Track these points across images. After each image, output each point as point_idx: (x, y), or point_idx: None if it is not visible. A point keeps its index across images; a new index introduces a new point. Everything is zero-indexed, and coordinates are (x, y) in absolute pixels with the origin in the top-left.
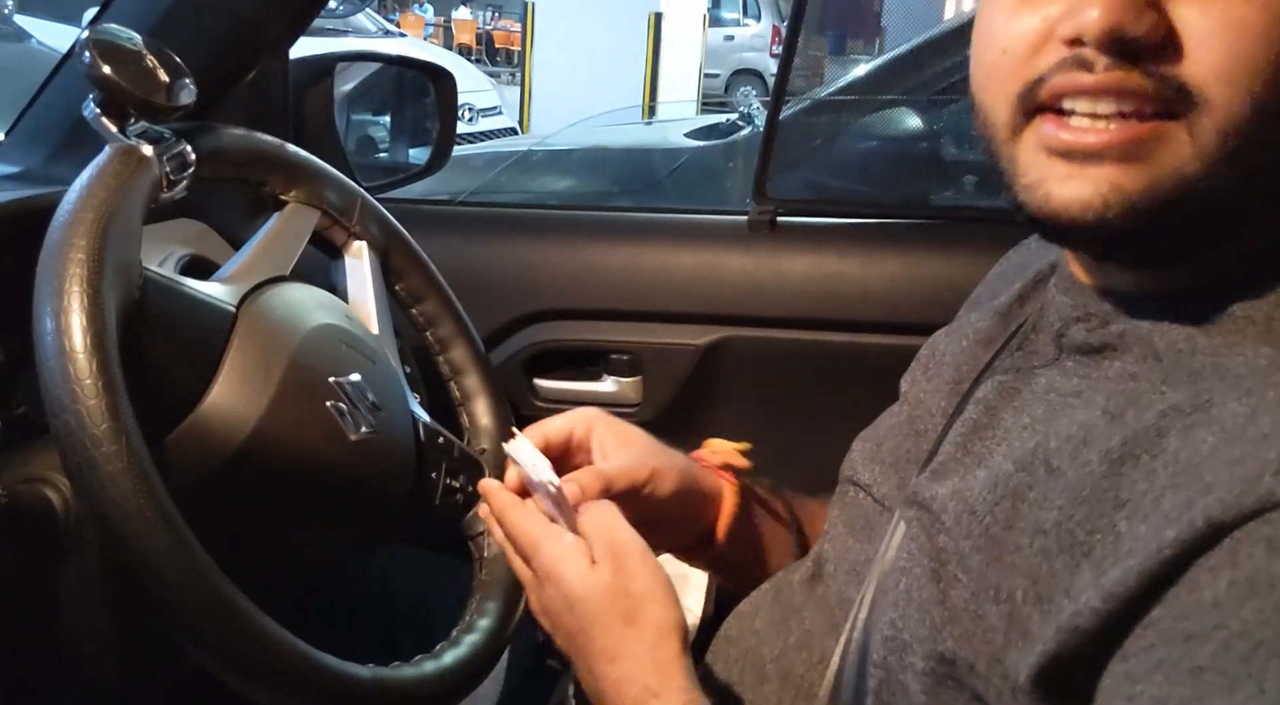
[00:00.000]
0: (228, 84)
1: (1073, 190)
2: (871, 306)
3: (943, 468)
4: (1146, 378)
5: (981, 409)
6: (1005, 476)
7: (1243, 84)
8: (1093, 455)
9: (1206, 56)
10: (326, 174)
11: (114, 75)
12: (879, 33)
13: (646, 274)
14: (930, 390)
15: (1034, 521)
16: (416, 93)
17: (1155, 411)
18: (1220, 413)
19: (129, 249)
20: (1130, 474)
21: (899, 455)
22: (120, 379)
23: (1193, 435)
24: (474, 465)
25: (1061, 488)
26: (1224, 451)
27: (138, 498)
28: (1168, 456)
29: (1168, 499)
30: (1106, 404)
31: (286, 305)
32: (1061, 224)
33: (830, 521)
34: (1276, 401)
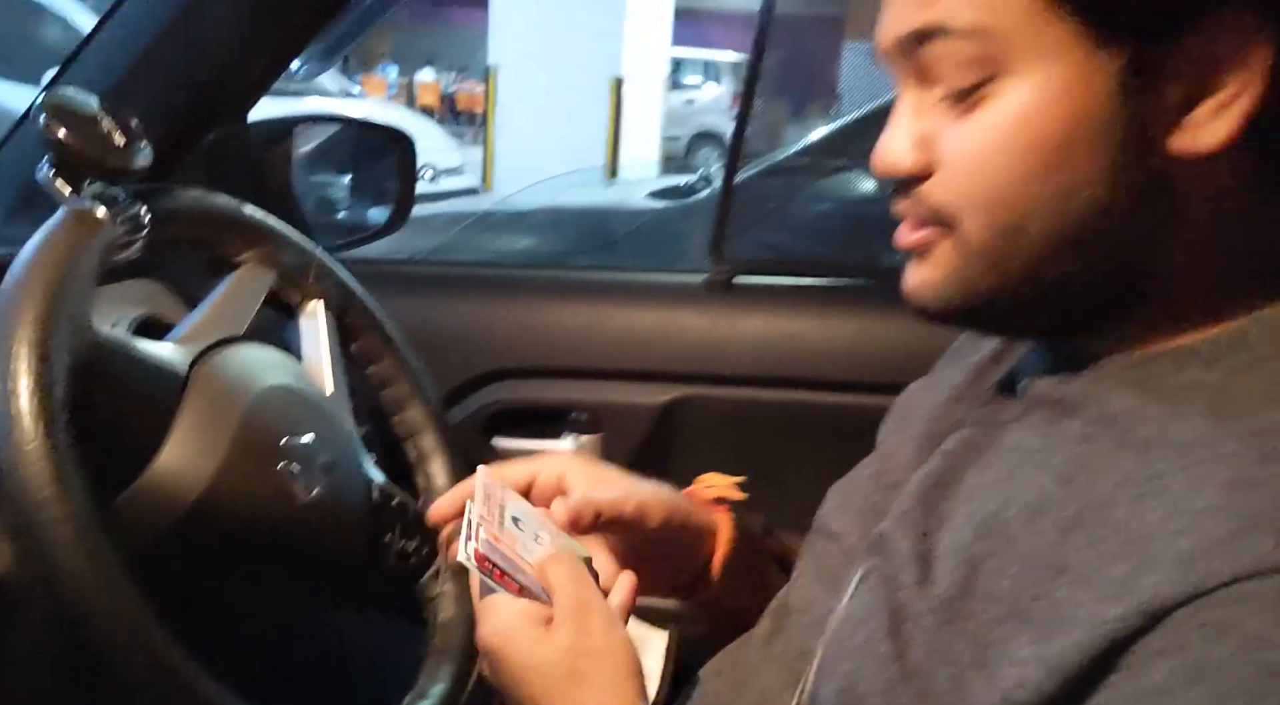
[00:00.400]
0: (186, 146)
1: (908, 283)
2: (827, 365)
3: (906, 518)
4: (1100, 442)
5: (948, 463)
6: (966, 544)
7: (986, 202)
8: (1047, 524)
9: (954, 181)
10: (283, 234)
11: (69, 139)
12: (835, 98)
13: (606, 333)
14: (902, 441)
15: (988, 590)
16: (377, 153)
17: (1106, 480)
18: (1167, 484)
19: (81, 311)
20: (1077, 540)
21: (868, 506)
22: (68, 443)
23: (1140, 506)
24: (428, 527)
25: (1016, 556)
26: (1169, 523)
27: (83, 561)
28: (1116, 525)
29: (1115, 568)
30: (1061, 468)
31: (239, 366)
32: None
33: (799, 569)
34: (1218, 476)
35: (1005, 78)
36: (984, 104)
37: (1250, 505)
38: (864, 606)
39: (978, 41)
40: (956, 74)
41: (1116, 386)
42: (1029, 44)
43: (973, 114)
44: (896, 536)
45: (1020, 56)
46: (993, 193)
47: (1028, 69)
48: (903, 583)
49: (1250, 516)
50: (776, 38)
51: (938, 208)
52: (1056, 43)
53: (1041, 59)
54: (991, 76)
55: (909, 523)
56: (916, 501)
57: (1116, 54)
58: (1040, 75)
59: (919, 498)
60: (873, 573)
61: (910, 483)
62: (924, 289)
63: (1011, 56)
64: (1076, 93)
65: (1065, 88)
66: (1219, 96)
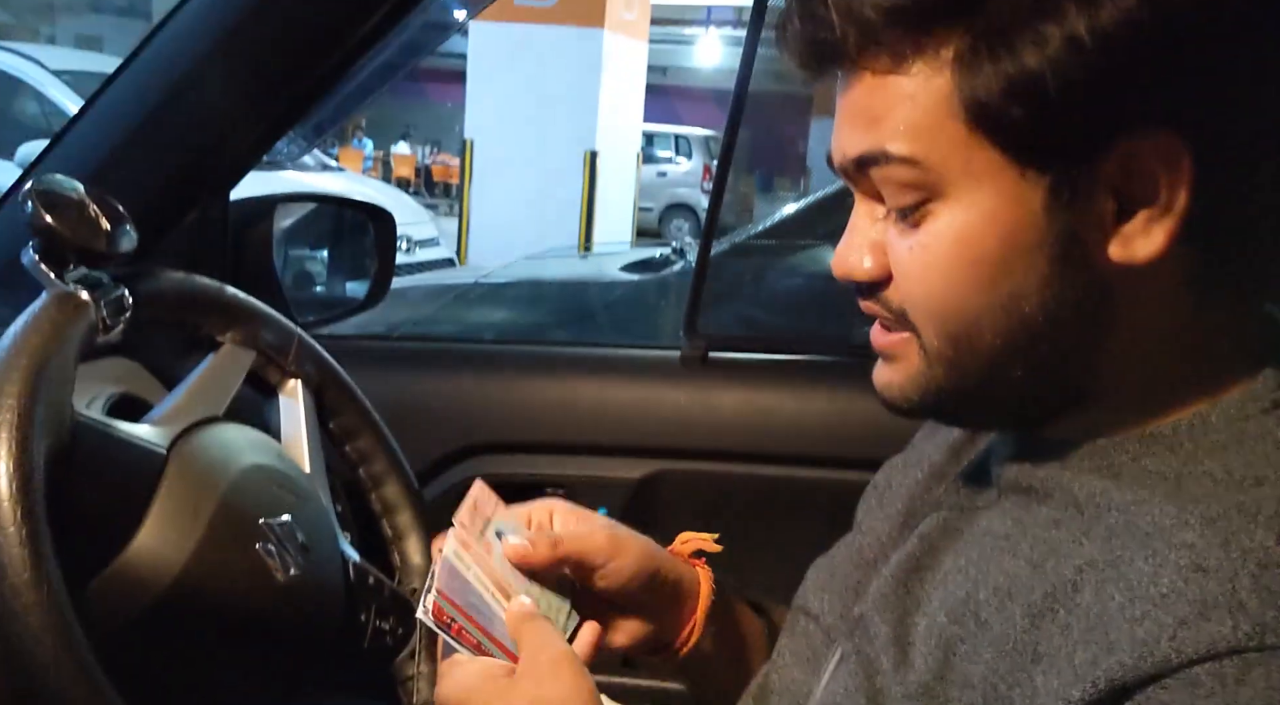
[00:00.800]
0: (168, 226)
1: (876, 381)
2: (802, 441)
3: (884, 601)
4: (1068, 527)
5: (925, 546)
6: (940, 628)
7: (936, 311)
8: (1017, 608)
9: (907, 289)
10: (263, 314)
11: (55, 224)
12: (804, 172)
13: (581, 408)
14: (881, 518)
15: (963, 674)
16: (355, 229)
17: (1073, 565)
18: (1128, 570)
19: (61, 395)
20: (1048, 627)
21: (847, 585)
22: (45, 527)
23: (1103, 591)
24: (404, 606)
25: (989, 641)
26: (1128, 609)
27: (55, 649)
28: (1081, 611)
29: (1079, 654)
30: (1031, 553)
31: (219, 446)
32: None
33: (779, 650)
34: (1176, 562)
35: (941, 200)
36: (925, 222)
37: (1207, 590)
38: (842, 689)
39: (913, 168)
40: (898, 194)
41: (1082, 473)
42: (959, 170)
43: (917, 230)
44: (875, 619)
45: (953, 181)
46: (940, 303)
47: (961, 192)
48: (880, 666)
49: (1206, 601)
50: (746, 114)
51: (897, 312)
52: (984, 169)
53: (972, 183)
54: (929, 198)
55: (887, 606)
56: (894, 584)
57: (1040, 177)
58: (973, 197)
59: (897, 580)
60: (851, 655)
61: (889, 564)
62: (890, 388)
63: (945, 181)
64: (1006, 213)
65: (995, 209)
66: (1150, 209)
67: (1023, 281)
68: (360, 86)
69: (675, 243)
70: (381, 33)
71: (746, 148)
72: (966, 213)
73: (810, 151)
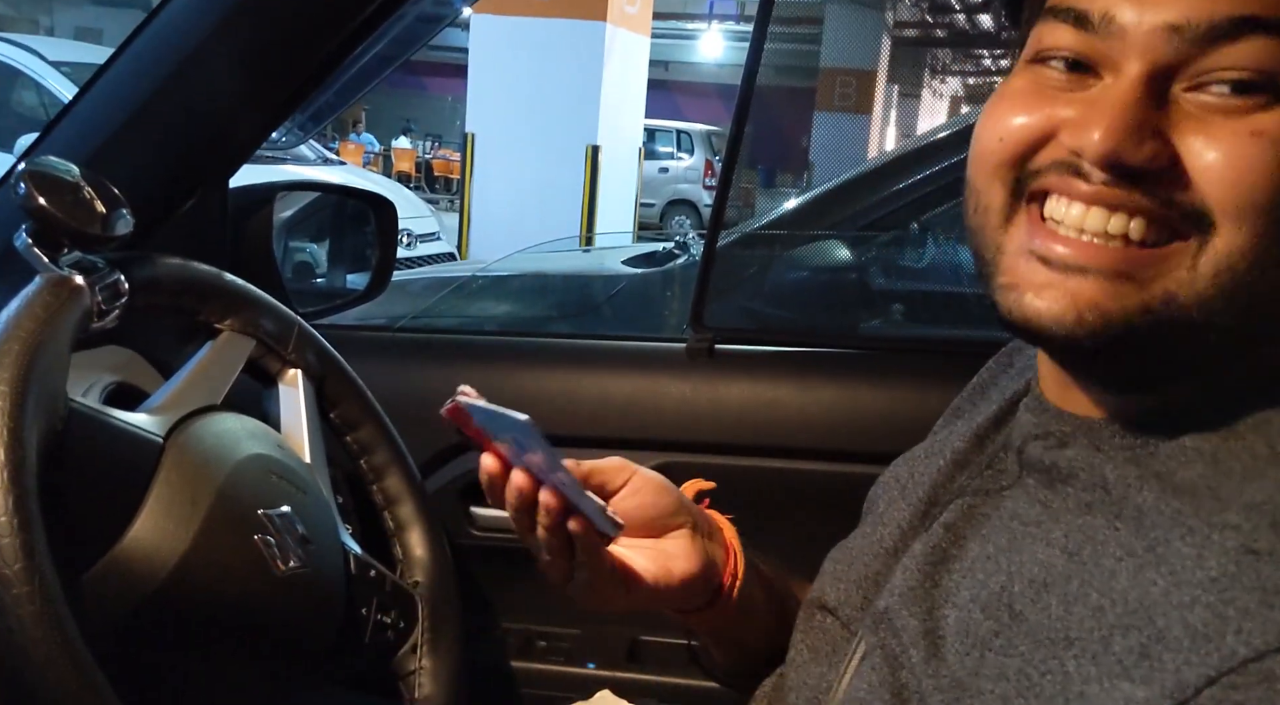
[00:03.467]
0: (166, 213)
1: (1046, 301)
2: (809, 434)
3: (910, 593)
4: (1100, 511)
5: (950, 535)
6: (975, 624)
7: (1247, 218)
8: (1053, 599)
9: (1213, 189)
10: (262, 302)
11: (49, 206)
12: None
13: (585, 400)
14: (904, 508)
15: (998, 667)
16: (356, 220)
17: (1111, 553)
18: (1166, 553)
19: (55, 381)
20: (1080, 612)
21: (866, 575)
22: (38, 516)
23: (1142, 576)
24: (406, 599)
25: (1024, 633)
26: (1173, 595)
27: (48, 643)
28: (1116, 596)
29: (1117, 641)
30: (1066, 541)
31: (216, 436)
32: (1031, 331)
33: (794, 647)
34: (1221, 544)
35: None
36: (1263, 112)
37: (1264, 576)
38: (866, 684)
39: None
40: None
41: (1110, 453)
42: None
43: (1246, 118)
44: (902, 613)
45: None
46: (1264, 206)
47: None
48: (908, 661)
49: (1266, 588)
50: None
51: (1191, 209)
52: None
53: None
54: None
55: (914, 598)
56: (920, 576)
57: None
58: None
59: (922, 572)
60: (875, 650)
61: (911, 554)
62: (1091, 310)
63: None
64: None
65: None
66: None
67: None
68: (358, 75)
69: (679, 236)
70: (379, 20)
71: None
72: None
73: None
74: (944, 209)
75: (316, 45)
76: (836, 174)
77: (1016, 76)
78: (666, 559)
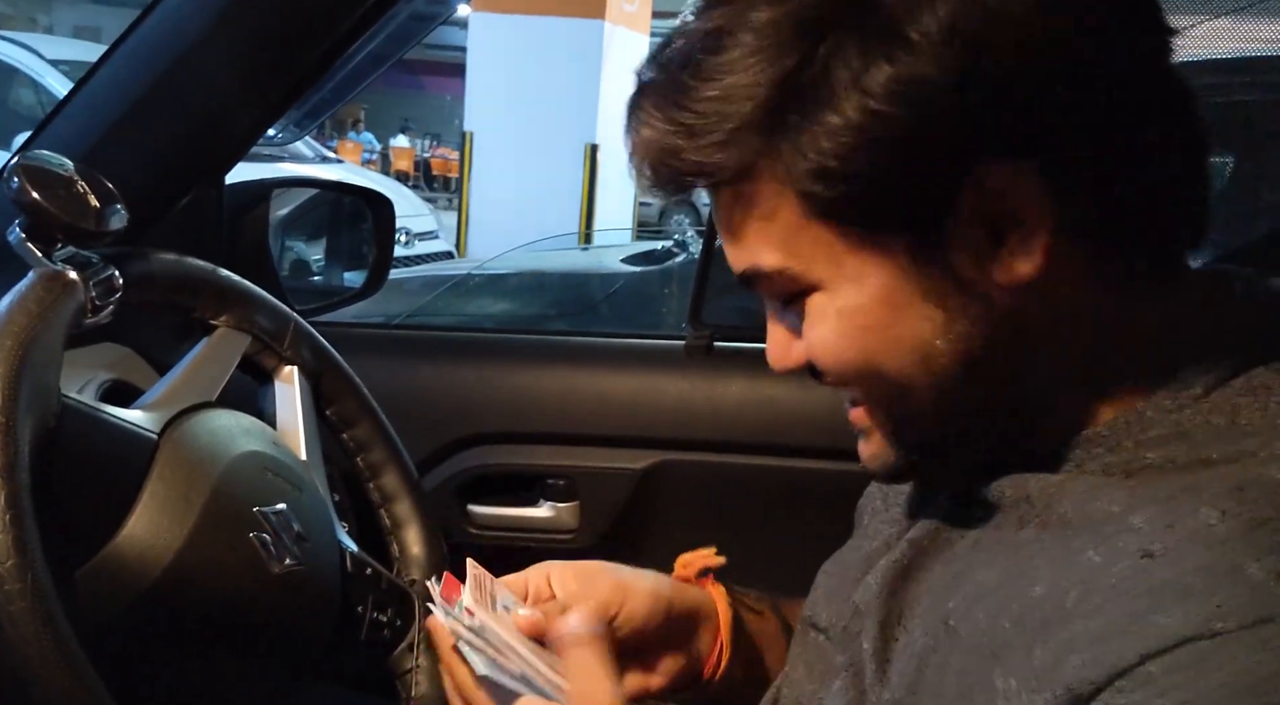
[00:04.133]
0: (161, 209)
1: (860, 453)
2: (807, 432)
3: (868, 607)
4: (1030, 524)
5: (913, 551)
6: (914, 642)
7: (857, 379)
8: (981, 613)
9: (825, 367)
10: (258, 298)
11: (42, 200)
12: None
13: (584, 398)
14: (886, 521)
15: (936, 686)
16: (353, 218)
17: (1033, 563)
18: (1080, 560)
19: (48, 376)
20: (1004, 625)
21: (850, 594)
22: (30, 512)
23: (1058, 584)
24: (403, 598)
25: (959, 649)
26: (1083, 603)
27: (40, 640)
28: (1035, 605)
29: (1037, 652)
30: (1006, 561)
31: (211, 432)
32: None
33: (790, 663)
34: (1125, 549)
35: (820, 290)
36: (811, 309)
37: (1154, 578)
38: (840, 702)
39: (787, 275)
40: (785, 295)
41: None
42: (825, 262)
43: (808, 318)
44: (864, 631)
45: (823, 273)
46: (857, 371)
47: (832, 278)
48: (866, 679)
49: (1154, 590)
50: None
51: (836, 382)
52: (845, 251)
53: (839, 267)
54: (809, 291)
55: (871, 614)
56: (880, 592)
57: (897, 239)
58: (843, 276)
59: (883, 587)
60: (847, 666)
61: (876, 569)
62: (873, 460)
63: (815, 274)
64: (878, 280)
65: (866, 280)
66: (1020, 228)
67: (921, 332)
68: (354, 71)
69: (677, 235)
70: (375, 16)
71: None
72: (844, 291)
73: None
74: None
75: (312, 41)
76: None
77: None
78: (646, 675)
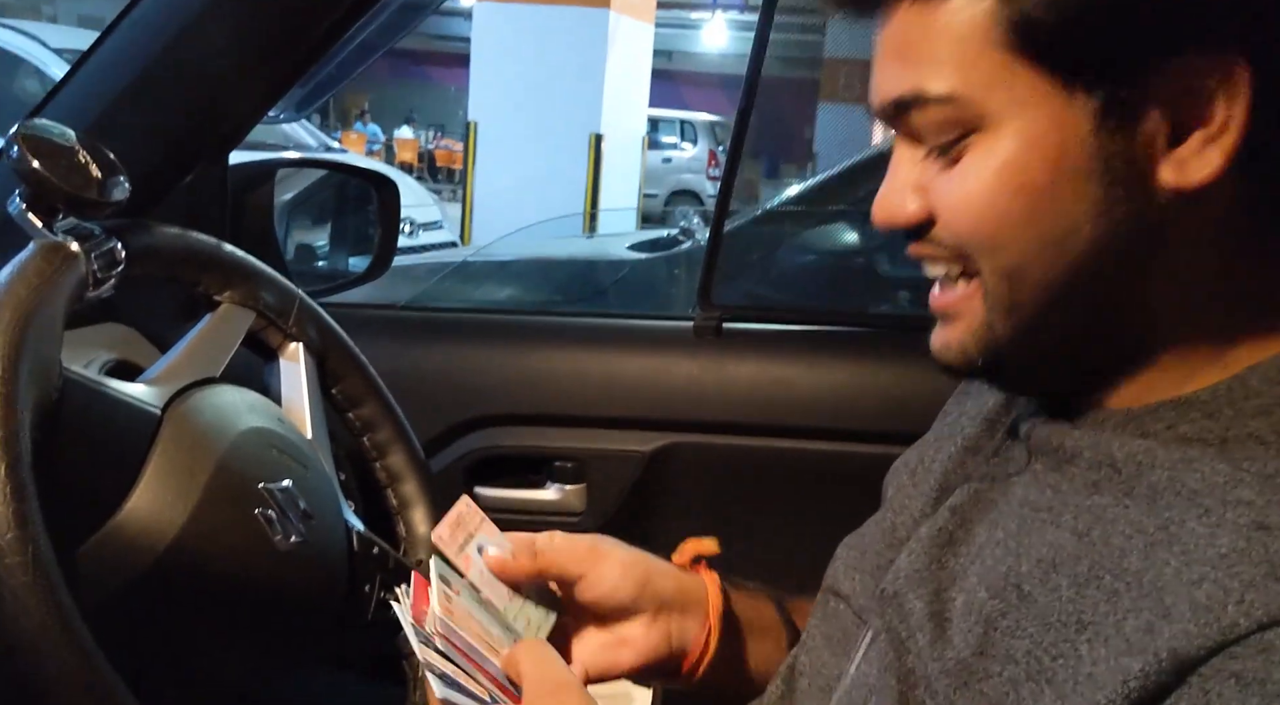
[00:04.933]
0: (165, 186)
1: (933, 345)
2: (817, 413)
3: (916, 576)
4: (1109, 490)
5: (957, 518)
6: (980, 603)
7: (988, 245)
8: (1062, 579)
9: (955, 226)
10: (263, 274)
11: (43, 169)
12: (810, 157)
13: (592, 379)
14: (915, 495)
15: (1005, 649)
16: (358, 201)
17: (1120, 532)
18: (1180, 532)
19: (49, 348)
20: (1093, 595)
21: (879, 564)
22: (31, 485)
23: (1154, 555)
24: (409, 577)
25: (1033, 615)
26: (1185, 573)
27: (41, 614)
28: (1130, 577)
29: (1130, 622)
30: (1075, 523)
31: (215, 408)
32: (938, 367)
33: (808, 632)
34: (1234, 521)
35: (982, 132)
36: (967, 155)
37: (1271, 550)
38: (873, 670)
39: (953, 105)
40: (939, 133)
41: (1116, 435)
42: (1002, 99)
43: (958, 166)
44: (909, 596)
45: (995, 111)
46: (991, 236)
47: (1003, 121)
48: (914, 645)
49: (1274, 562)
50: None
51: (952, 248)
52: (1028, 95)
53: (1016, 110)
54: (971, 131)
55: (920, 581)
56: (926, 559)
57: (1089, 98)
58: (1016, 125)
59: (928, 555)
60: (881, 635)
61: (918, 537)
62: (949, 348)
63: (987, 113)
64: (1053, 138)
65: (1041, 134)
66: (1206, 128)
67: (1073, 210)
68: (358, 50)
69: (684, 222)
70: None
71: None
72: (1011, 141)
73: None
74: None
75: (316, 17)
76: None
77: None
78: (615, 649)
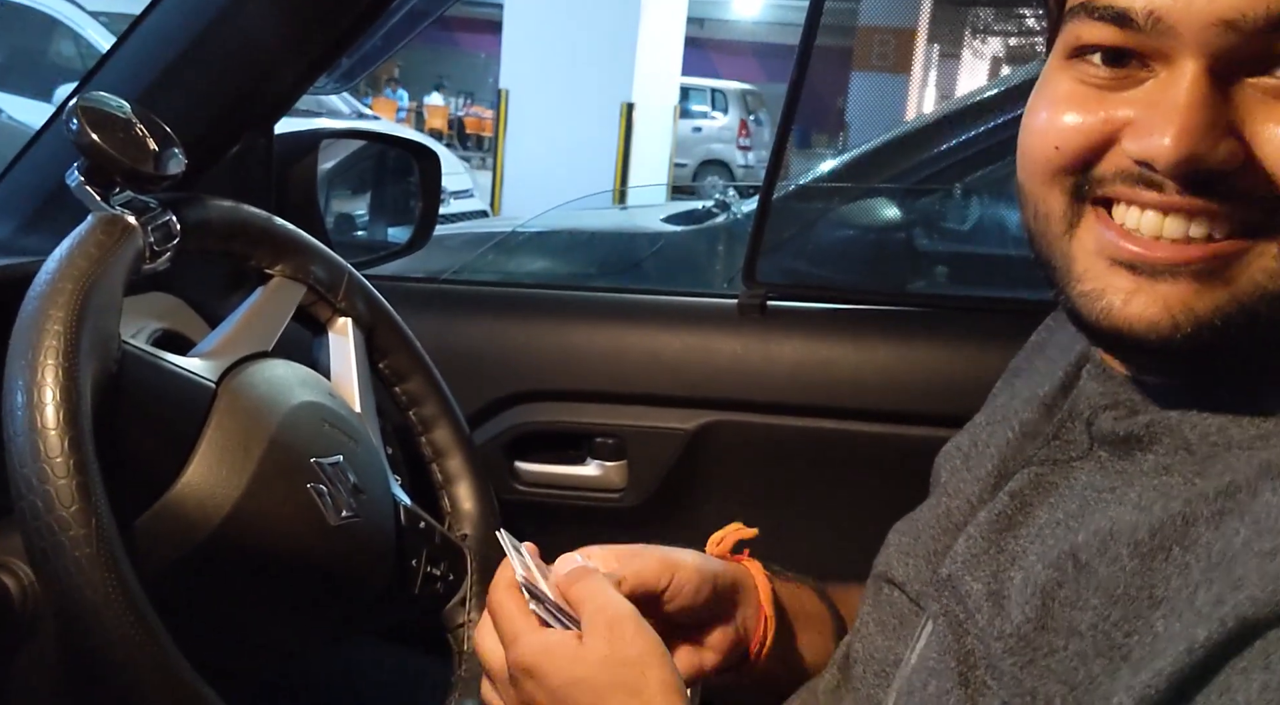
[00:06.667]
0: (212, 156)
1: (1138, 308)
2: (863, 394)
3: (975, 559)
4: (1179, 471)
5: (1016, 502)
6: (1036, 576)
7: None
8: (1122, 549)
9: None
10: (314, 248)
11: (102, 142)
12: (843, 127)
13: (634, 356)
14: (970, 480)
15: (1067, 622)
16: (398, 172)
17: (1183, 500)
18: (1253, 504)
19: (108, 321)
20: (1163, 568)
21: (934, 549)
22: (93, 458)
23: (1224, 525)
24: (455, 552)
25: (1094, 585)
26: (1255, 543)
27: (105, 586)
28: (1200, 549)
29: (1201, 594)
30: (1139, 499)
31: (268, 382)
32: (1124, 341)
33: (861, 619)
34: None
35: None
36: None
37: None
38: (934, 654)
39: None
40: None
41: (1189, 415)
42: None
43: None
44: (967, 578)
45: None
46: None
47: None
48: (973, 625)
49: None
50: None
51: (1265, 199)
52: None
53: None
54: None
55: (978, 564)
56: (985, 543)
57: None
58: None
59: (987, 538)
60: (939, 617)
61: (976, 522)
62: (1164, 314)
63: None
64: None
65: None
66: None
67: None
68: (402, 21)
69: (718, 194)
70: None
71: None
72: None
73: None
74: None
75: None
76: (873, 136)
77: (1055, 75)
78: (700, 654)
